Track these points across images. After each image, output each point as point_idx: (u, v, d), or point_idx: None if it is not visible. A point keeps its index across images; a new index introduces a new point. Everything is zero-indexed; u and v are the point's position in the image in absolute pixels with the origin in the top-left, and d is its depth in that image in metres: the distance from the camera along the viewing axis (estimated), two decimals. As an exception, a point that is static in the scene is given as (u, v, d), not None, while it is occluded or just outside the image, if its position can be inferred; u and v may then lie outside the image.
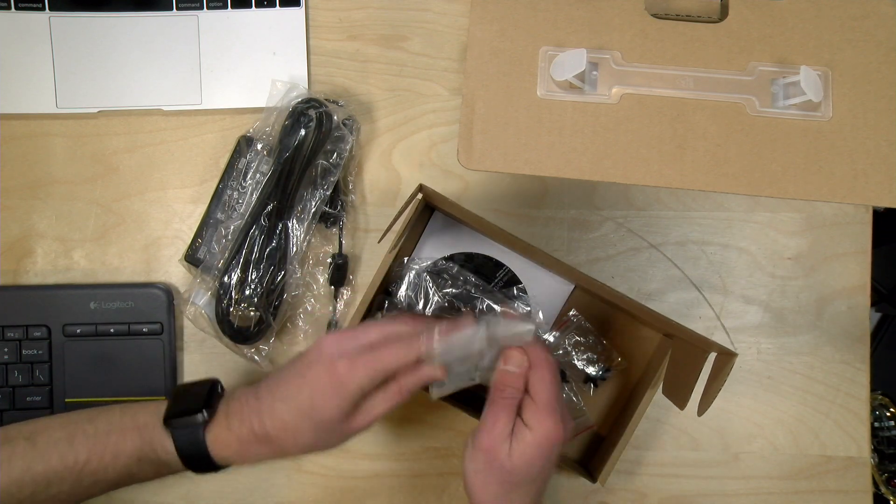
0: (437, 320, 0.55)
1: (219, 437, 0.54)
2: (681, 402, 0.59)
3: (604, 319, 0.71)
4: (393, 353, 0.52)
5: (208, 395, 0.56)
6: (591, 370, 0.70)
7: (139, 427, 0.55)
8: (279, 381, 0.54)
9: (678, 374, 0.62)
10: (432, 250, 0.70)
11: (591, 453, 0.71)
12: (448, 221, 0.70)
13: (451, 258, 0.70)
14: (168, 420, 0.55)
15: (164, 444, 0.55)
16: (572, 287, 0.70)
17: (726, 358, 0.54)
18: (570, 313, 0.70)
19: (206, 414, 0.55)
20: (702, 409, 0.56)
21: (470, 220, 0.60)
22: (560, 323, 0.70)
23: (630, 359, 0.71)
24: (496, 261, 0.70)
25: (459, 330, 0.53)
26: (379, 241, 0.62)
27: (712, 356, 0.57)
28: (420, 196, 0.57)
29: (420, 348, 0.52)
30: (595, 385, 0.70)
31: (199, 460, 0.55)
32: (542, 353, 0.53)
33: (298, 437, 0.53)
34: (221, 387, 0.59)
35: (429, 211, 0.70)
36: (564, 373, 0.70)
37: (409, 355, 0.52)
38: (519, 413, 0.53)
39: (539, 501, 0.55)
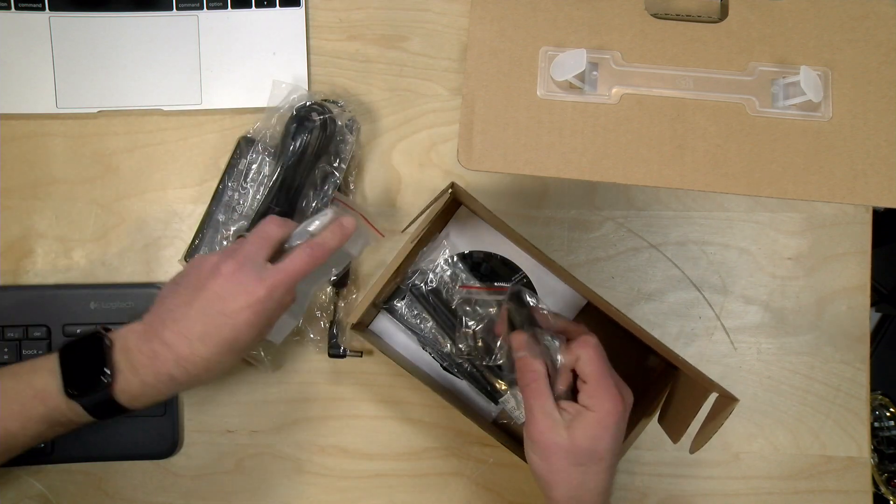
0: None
1: (126, 390, 0.53)
2: (675, 435, 0.59)
3: (611, 339, 0.70)
4: (270, 224, 0.56)
5: (100, 351, 0.54)
6: None
7: (40, 395, 0.53)
8: (183, 320, 0.53)
9: (676, 407, 0.62)
10: (453, 244, 0.70)
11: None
12: (471, 217, 0.70)
13: (469, 255, 0.70)
14: (69, 391, 0.53)
15: (74, 409, 0.53)
16: (585, 302, 0.70)
17: (727, 402, 0.54)
18: None
19: (108, 377, 0.53)
20: (695, 447, 0.56)
21: (495, 224, 0.60)
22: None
23: (631, 382, 0.70)
24: (513, 264, 0.70)
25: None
26: (402, 231, 0.65)
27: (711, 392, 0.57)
28: (450, 193, 0.57)
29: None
30: None
31: (110, 412, 0.54)
32: (582, 334, 0.56)
33: (222, 367, 0.54)
34: (106, 336, 0.55)
35: (455, 205, 0.70)
36: None
37: (284, 227, 0.57)
38: (576, 398, 0.55)
39: (613, 472, 0.56)
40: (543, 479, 0.55)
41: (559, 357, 0.56)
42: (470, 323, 0.67)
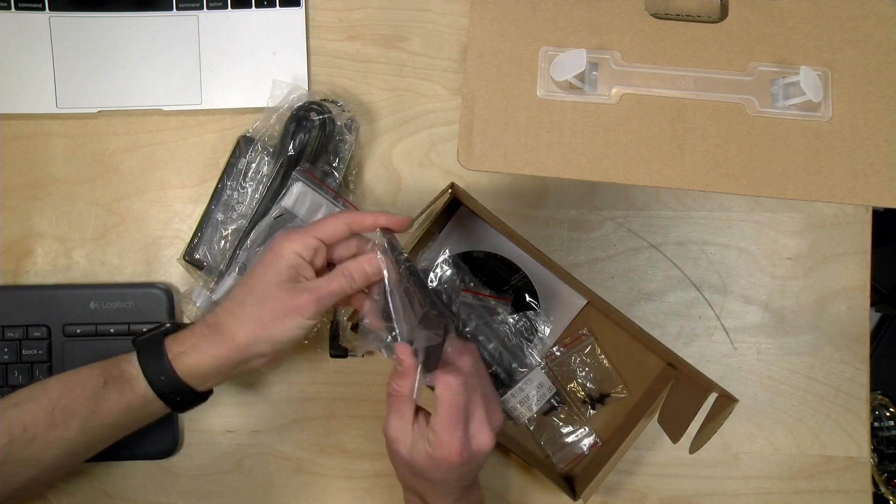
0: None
1: (177, 337, 0.56)
2: (674, 435, 0.59)
3: (611, 339, 0.71)
4: (325, 223, 0.55)
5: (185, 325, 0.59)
6: (591, 393, 0.70)
7: (109, 358, 0.57)
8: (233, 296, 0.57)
9: (676, 407, 0.62)
10: (453, 244, 0.70)
11: (576, 467, 0.71)
12: (471, 217, 0.70)
13: (469, 255, 0.70)
14: (134, 341, 0.58)
15: (129, 359, 0.56)
16: (585, 302, 0.70)
17: (726, 402, 0.54)
18: (583, 331, 0.70)
19: (172, 325, 0.58)
20: (695, 447, 0.56)
21: (495, 224, 0.60)
22: (572, 339, 0.70)
23: (630, 382, 0.70)
24: (513, 264, 0.70)
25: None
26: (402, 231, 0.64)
27: (712, 394, 0.57)
28: (450, 193, 0.58)
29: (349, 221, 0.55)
30: (593, 408, 0.70)
31: (157, 362, 0.55)
32: (456, 362, 0.51)
33: (242, 312, 0.54)
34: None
35: (455, 205, 0.70)
36: (559, 394, 0.70)
37: (339, 224, 0.55)
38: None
39: (461, 492, 0.54)
40: (392, 462, 0.56)
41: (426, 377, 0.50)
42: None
